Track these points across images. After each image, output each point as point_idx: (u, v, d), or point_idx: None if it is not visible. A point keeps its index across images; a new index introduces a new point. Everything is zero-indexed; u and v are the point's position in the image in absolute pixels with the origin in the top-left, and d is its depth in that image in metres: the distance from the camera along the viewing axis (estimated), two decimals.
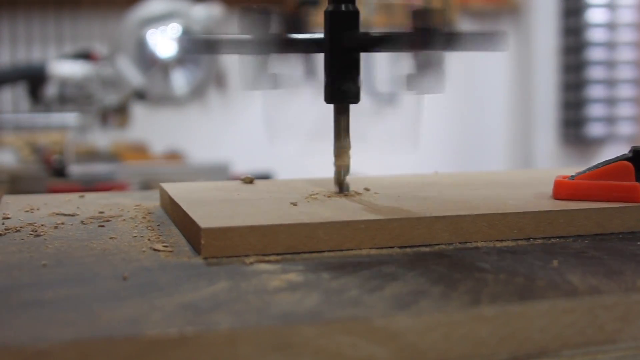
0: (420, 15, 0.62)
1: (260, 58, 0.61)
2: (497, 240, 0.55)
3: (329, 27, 0.64)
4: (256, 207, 0.57)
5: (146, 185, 1.92)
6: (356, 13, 0.64)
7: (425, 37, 0.62)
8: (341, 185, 0.65)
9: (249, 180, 0.73)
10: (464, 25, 3.80)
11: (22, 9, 3.24)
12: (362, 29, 0.64)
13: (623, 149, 0.62)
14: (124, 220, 0.63)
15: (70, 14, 3.28)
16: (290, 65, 0.63)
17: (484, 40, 0.65)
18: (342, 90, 0.64)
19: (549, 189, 0.64)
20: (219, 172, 2.15)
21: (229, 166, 2.22)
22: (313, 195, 0.64)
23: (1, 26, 3.26)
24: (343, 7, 0.63)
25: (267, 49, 0.61)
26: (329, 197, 0.63)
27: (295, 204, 0.59)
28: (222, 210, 0.56)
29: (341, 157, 0.65)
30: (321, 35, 0.64)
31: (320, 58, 0.65)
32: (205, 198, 0.62)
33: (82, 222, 0.62)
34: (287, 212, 0.55)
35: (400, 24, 3.64)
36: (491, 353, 0.39)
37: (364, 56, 0.64)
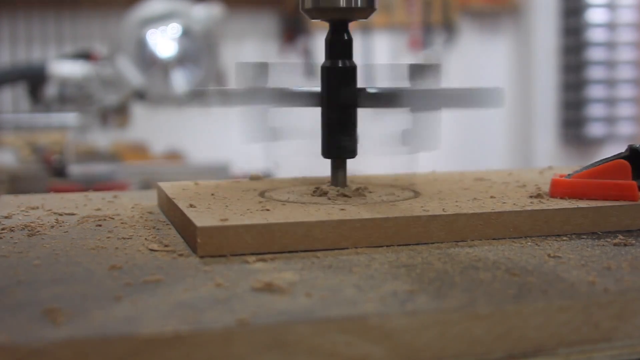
0: (416, 71, 0.62)
1: (259, 110, 0.61)
2: (493, 239, 0.55)
3: (326, 83, 0.63)
4: (252, 206, 0.57)
5: (146, 185, 1.91)
6: (353, 69, 0.63)
7: (422, 95, 0.62)
8: (338, 184, 0.65)
9: (256, 178, 0.73)
10: (464, 25, 3.80)
11: (22, 9, 3.24)
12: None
13: (623, 149, 0.62)
14: (121, 219, 0.63)
15: (70, 14, 3.28)
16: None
17: (480, 96, 0.65)
18: (338, 145, 0.64)
19: (546, 187, 0.64)
20: (219, 172, 2.15)
21: (229, 166, 2.22)
22: (310, 194, 0.64)
23: (1, 26, 3.26)
24: (340, 64, 0.63)
25: (265, 101, 0.61)
26: (326, 195, 0.63)
27: (292, 203, 0.59)
28: (218, 209, 0.56)
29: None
30: (318, 89, 0.64)
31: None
32: (201, 197, 0.62)
33: (79, 221, 0.62)
34: (283, 211, 0.55)
35: (400, 23, 3.64)
36: (486, 351, 0.39)
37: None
